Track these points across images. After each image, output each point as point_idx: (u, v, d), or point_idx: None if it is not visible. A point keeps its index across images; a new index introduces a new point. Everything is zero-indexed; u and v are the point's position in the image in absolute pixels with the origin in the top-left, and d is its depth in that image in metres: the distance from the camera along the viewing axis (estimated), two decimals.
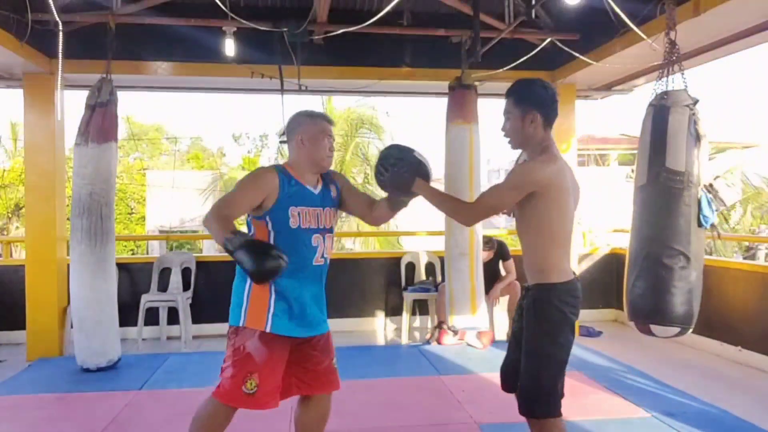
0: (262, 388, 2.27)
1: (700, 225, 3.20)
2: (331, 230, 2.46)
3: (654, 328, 3.26)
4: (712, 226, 3.24)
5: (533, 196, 2.25)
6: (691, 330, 3.29)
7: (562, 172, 2.28)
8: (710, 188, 3.23)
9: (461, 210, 2.42)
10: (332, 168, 2.56)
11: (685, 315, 3.20)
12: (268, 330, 2.28)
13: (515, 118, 2.35)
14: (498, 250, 5.68)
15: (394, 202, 2.49)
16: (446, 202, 2.46)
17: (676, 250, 3.19)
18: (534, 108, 2.31)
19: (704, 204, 3.19)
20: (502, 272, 5.72)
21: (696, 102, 3.27)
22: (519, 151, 2.55)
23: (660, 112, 3.30)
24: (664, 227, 3.23)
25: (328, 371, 2.46)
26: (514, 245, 5.97)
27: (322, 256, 2.41)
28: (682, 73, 3.45)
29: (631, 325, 3.42)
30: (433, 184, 2.49)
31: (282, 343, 2.32)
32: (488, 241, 5.60)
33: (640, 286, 3.29)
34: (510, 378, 2.50)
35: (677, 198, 3.20)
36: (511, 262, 5.66)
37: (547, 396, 2.29)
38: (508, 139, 2.42)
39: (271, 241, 2.31)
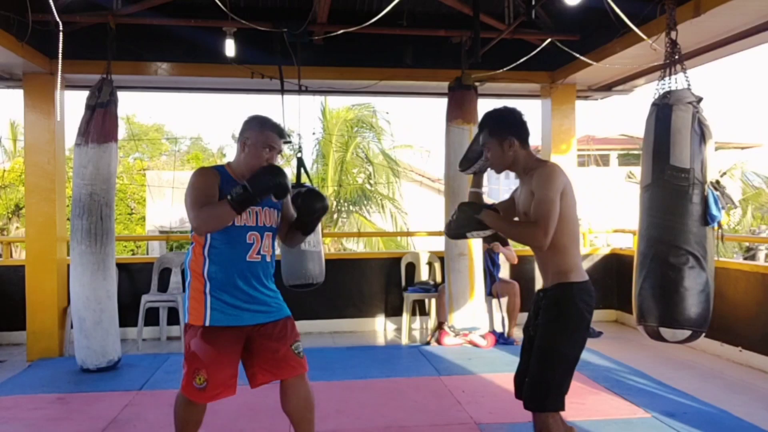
0: (211, 381, 2.39)
1: (706, 223, 3.13)
2: (270, 229, 2.52)
3: (663, 331, 3.16)
4: (719, 225, 3.17)
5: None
6: (704, 333, 3.16)
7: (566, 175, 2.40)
8: (717, 185, 3.16)
9: (531, 232, 2.34)
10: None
11: (696, 318, 3.10)
12: (207, 324, 2.39)
13: (494, 147, 2.47)
14: (495, 236, 5.69)
15: (304, 229, 2.59)
16: (514, 227, 2.51)
17: (683, 250, 3.11)
18: (508, 133, 2.44)
19: (711, 202, 3.11)
20: (501, 272, 5.73)
21: (700, 100, 3.23)
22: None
23: (663, 111, 3.27)
24: (670, 227, 3.16)
25: (288, 357, 2.49)
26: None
27: (258, 253, 2.47)
28: (685, 73, 3.44)
29: (640, 329, 3.32)
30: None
31: (227, 334, 2.41)
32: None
33: (647, 288, 3.22)
34: (522, 383, 2.49)
35: (683, 196, 3.14)
36: (511, 248, 5.65)
37: (558, 390, 2.34)
38: (491, 165, 2.54)
39: (207, 236, 2.41)
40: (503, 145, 2.44)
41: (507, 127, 2.46)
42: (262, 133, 2.46)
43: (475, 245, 5.30)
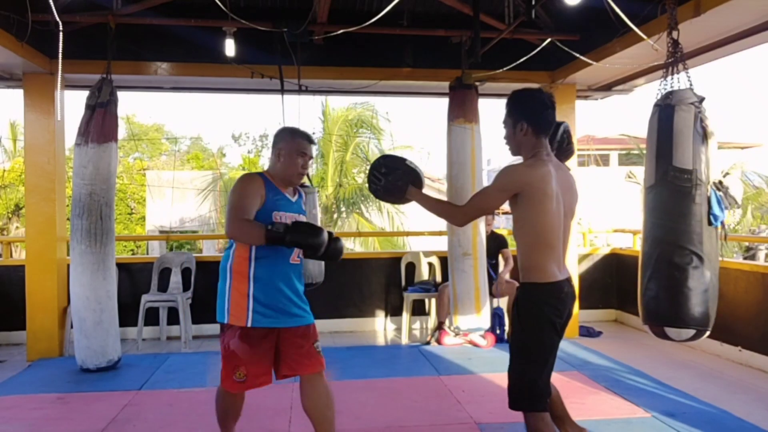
0: (249, 375, 2.58)
1: (710, 224, 3.15)
2: None
3: (669, 330, 3.19)
4: (722, 224, 3.19)
5: (520, 198, 2.36)
6: (708, 332, 3.20)
7: (546, 176, 2.36)
8: (720, 185, 3.18)
9: (453, 213, 2.60)
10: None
11: (701, 317, 3.13)
12: (249, 325, 2.54)
13: (508, 128, 2.52)
14: (495, 238, 5.69)
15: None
16: (438, 206, 2.62)
17: (687, 250, 3.13)
18: (522, 117, 2.46)
19: (714, 202, 3.14)
20: (501, 266, 5.73)
21: (702, 100, 3.24)
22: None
23: (665, 111, 3.28)
24: (674, 227, 3.18)
25: (309, 354, 2.64)
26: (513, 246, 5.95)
27: (298, 256, 2.67)
28: (687, 72, 3.44)
29: (646, 328, 3.35)
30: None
31: (264, 333, 2.57)
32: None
33: (652, 288, 3.24)
34: None
35: (686, 196, 3.16)
36: (508, 251, 5.66)
37: (528, 391, 2.37)
38: (508, 148, 2.58)
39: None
40: (515, 127, 2.47)
41: (524, 110, 2.46)
42: (293, 142, 2.65)
43: (479, 245, 5.30)
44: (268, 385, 2.65)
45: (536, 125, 2.44)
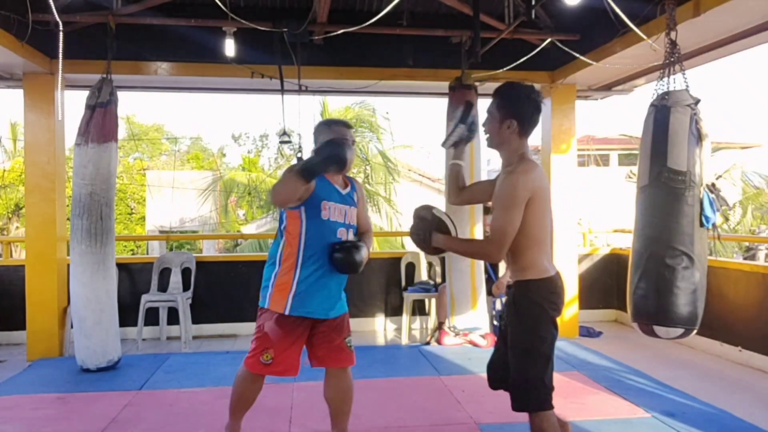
0: (276, 359, 2.64)
1: (701, 225, 3.20)
2: (354, 227, 2.75)
3: (657, 329, 3.25)
4: (714, 226, 3.24)
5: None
6: (695, 331, 3.26)
7: (543, 176, 2.40)
8: (712, 188, 3.23)
9: (485, 250, 2.54)
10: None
11: (688, 316, 3.19)
12: (287, 312, 2.61)
13: (494, 120, 2.45)
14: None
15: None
16: (469, 247, 2.66)
17: (678, 251, 3.18)
18: (512, 116, 2.40)
19: (706, 204, 3.18)
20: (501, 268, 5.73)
21: (697, 102, 3.27)
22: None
23: (661, 112, 3.31)
24: (666, 227, 3.22)
25: (340, 348, 2.73)
26: None
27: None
28: (683, 74, 3.46)
29: (635, 326, 3.41)
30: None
31: (299, 322, 2.64)
32: (487, 211, 5.58)
33: (643, 287, 3.29)
34: (495, 374, 2.56)
35: (679, 198, 3.20)
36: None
37: (535, 390, 2.34)
38: (487, 136, 2.52)
39: (303, 230, 2.61)
40: (503, 123, 2.41)
41: (515, 107, 2.40)
42: (332, 131, 2.68)
43: None
44: (292, 376, 2.70)
45: (524, 127, 2.41)
